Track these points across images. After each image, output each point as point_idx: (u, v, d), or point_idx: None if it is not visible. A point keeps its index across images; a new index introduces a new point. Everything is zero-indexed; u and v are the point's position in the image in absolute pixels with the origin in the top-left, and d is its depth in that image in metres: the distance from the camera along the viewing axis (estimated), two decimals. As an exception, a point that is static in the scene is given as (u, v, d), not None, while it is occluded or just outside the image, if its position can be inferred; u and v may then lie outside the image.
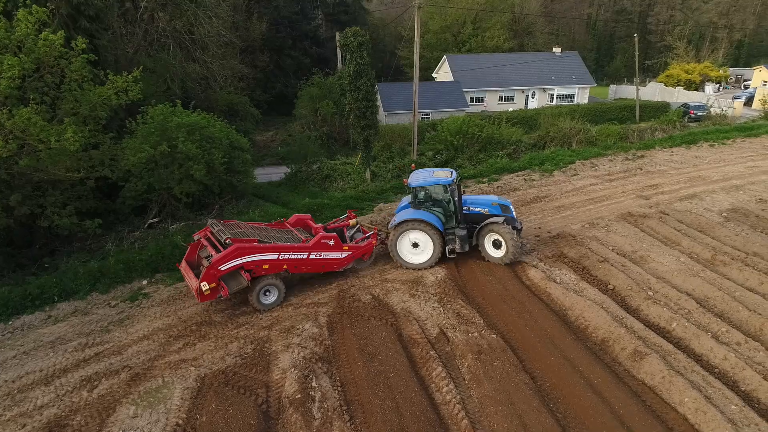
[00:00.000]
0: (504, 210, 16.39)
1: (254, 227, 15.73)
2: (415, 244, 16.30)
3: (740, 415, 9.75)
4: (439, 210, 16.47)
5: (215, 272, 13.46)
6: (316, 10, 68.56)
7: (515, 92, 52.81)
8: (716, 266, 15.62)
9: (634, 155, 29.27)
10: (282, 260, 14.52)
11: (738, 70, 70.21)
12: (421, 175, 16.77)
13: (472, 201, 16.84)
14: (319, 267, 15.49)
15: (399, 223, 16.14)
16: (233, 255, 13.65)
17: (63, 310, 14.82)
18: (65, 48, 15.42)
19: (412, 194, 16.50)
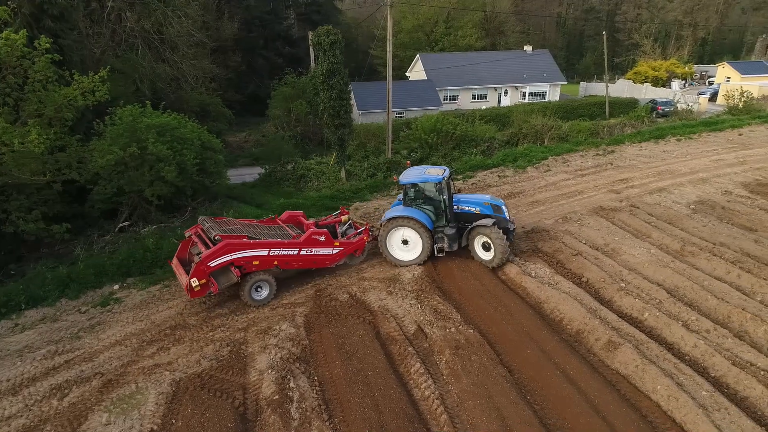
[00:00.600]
0: (496, 210, 16.09)
1: (245, 224, 15.79)
2: (404, 241, 16.24)
3: (710, 401, 9.98)
4: (429, 208, 16.39)
5: (205, 268, 13.45)
6: (288, 10, 68.14)
7: (488, 90, 53.31)
8: (685, 257, 15.99)
9: (605, 150, 29.81)
10: (272, 256, 14.50)
11: (702, 67, 72.18)
12: (412, 173, 16.66)
13: (464, 200, 16.63)
14: (311, 263, 15.43)
15: (388, 220, 16.12)
16: (222, 251, 13.66)
17: (31, 317, 14.38)
18: (28, 48, 14.97)
19: (403, 191, 16.51)
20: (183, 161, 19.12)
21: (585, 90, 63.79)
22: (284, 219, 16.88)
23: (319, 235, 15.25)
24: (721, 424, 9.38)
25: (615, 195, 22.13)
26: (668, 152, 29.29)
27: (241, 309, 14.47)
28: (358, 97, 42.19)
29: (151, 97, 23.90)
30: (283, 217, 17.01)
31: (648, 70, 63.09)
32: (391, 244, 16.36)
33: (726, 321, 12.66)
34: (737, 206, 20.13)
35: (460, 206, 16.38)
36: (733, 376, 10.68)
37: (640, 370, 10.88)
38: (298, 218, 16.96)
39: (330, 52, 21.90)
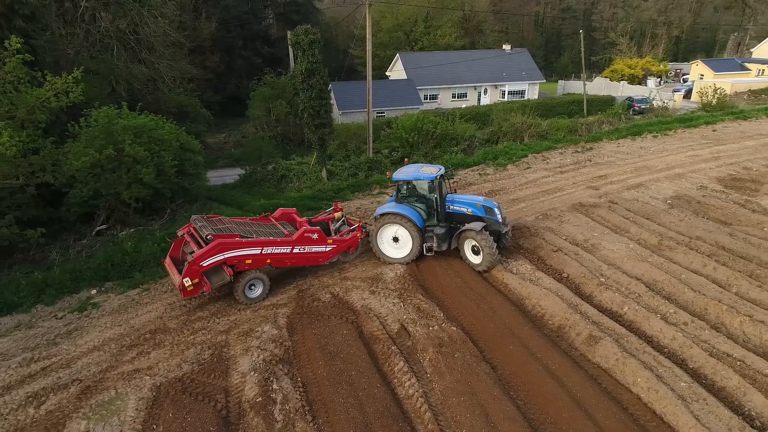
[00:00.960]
0: (487, 212, 15.78)
1: (238, 222, 15.80)
2: (395, 239, 16.21)
3: (689, 392, 10.16)
4: (421, 206, 16.28)
5: (197, 268, 13.43)
6: (266, 10, 67.69)
7: (468, 89, 53.60)
8: (663, 251, 16.25)
9: (583, 148, 30.17)
10: (265, 255, 14.48)
11: (677, 65, 73.53)
12: (407, 170, 16.62)
13: (457, 200, 16.39)
14: (304, 260, 15.40)
15: (379, 216, 16.12)
16: (215, 251, 13.63)
17: (5, 324, 14.02)
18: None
19: (395, 188, 16.55)
20: (161, 163, 18.88)
21: (563, 88, 64.51)
22: (277, 217, 16.82)
23: (312, 233, 15.23)
24: (700, 414, 9.56)
25: (594, 191, 22.41)
26: (645, 149, 29.75)
27: (223, 311, 14.32)
28: (338, 96, 42.08)
29: (128, 99, 23.52)
30: (276, 214, 16.94)
31: (624, 68, 64.06)
32: (382, 241, 16.35)
33: (703, 313, 12.89)
34: (712, 201, 20.53)
35: (452, 206, 16.26)
36: (710, 367, 10.88)
37: (621, 363, 11.02)
38: (291, 216, 16.91)
39: (309, 51, 21.78)
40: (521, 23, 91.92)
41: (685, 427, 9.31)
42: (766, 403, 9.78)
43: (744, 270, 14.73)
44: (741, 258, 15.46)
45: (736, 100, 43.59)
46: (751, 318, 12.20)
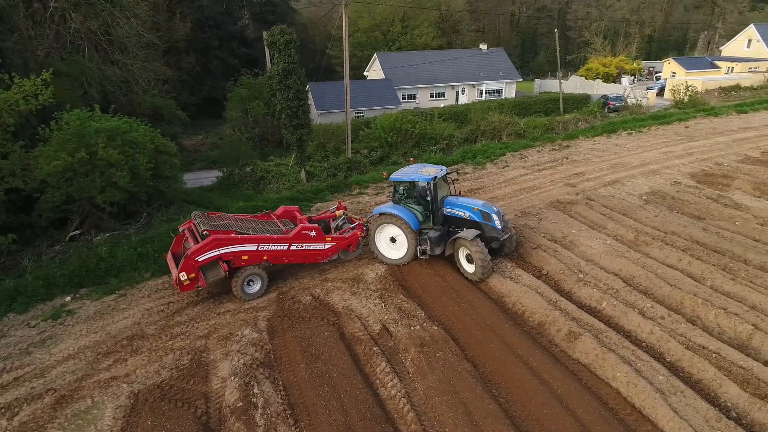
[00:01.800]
0: (485, 218, 15.19)
1: (238, 219, 16.06)
2: (392, 239, 16.06)
3: (667, 385, 10.32)
4: (418, 208, 15.94)
5: (193, 263, 13.63)
6: (242, 10, 67.01)
7: (446, 88, 53.81)
8: (639, 246, 16.51)
9: (560, 145, 30.51)
10: (261, 251, 14.61)
11: (650, 63, 74.82)
12: (406, 170, 16.41)
13: (457, 203, 15.87)
14: (301, 258, 15.44)
15: (375, 215, 16.00)
16: (210, 246, 13.82)
17: (-25, 334, 13.63)
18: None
19: (393, 188, 16.38)
20: (136, 166, 18.53)
21: (540, 87, 65.18)
22: (279, 214, 16.89)
23: (310, 230, 15.24)
24: (678, 407, 9.71)
25: (571, 188, 22.67)
26: (620, 146, 30.21)
27: (202, 316, 14.12)
28: (316, 97, 41.88)
29: (101, 101, 23.04)
30: (278, 212, 17.01)
31: (599, 66, 65.00)
32: (380, 241, 16.24)
33: (679, 307, 13.12)
34: (686, 196, 20.93)
35: (449, 209, 15.83)
36: (687, 360, 11.07)
37: (600, 358, 11.16)
38: (293, 213, 16.92)
39: (285, 51, 21.61)
40: (497, 23, 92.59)
41: (664, 420, 9.45)
42: (742, 394, 9.98)
43: (718, 264, 15.04)
44: (715, 252, 15.78)
45: (707, 97, 44.52)
46: (726, 311, 12.45)
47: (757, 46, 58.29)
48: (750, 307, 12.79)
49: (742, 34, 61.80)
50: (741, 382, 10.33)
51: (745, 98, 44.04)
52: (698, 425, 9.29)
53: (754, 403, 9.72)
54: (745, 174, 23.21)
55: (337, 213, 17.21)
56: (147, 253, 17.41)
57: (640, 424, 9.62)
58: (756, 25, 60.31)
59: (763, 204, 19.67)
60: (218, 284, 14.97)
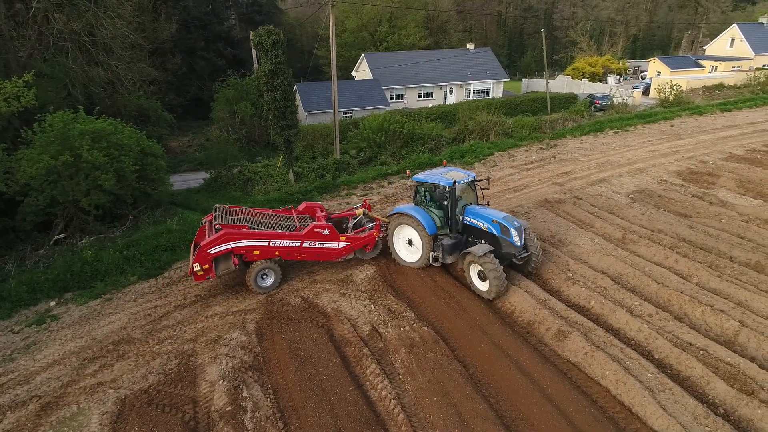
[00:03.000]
0: (503, 231, 14.05)
1: (257, 213, 16.51)
2: (409, 241, 15.73)
3: (656, 382, 10.39)
4: (437, 212, 15.34)
5: (206, 255, 14.12)
6: (228, 11, 66.54)
7: (433, 88, 53.87)
8: (627, 244, 16.61)
9: (548, 145, 30.65)
10: (273, 247, 14.81)
11: (635, 62, 75.51)
12: (432, 172, 15.92)
13: (478, 212, 14.86)
14: (314, 256, 15.49)
15: (393, 214, 15.74)
16: (221, 240, 14.24)
17: (-43, 341, 13.37)
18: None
19: (415, 189, 16.02)
20: (121, 168, 18.30)
21: (527, 86, 65.50)
22: (301, 210, 17.08)
23: (323, 229, 15.21)
24: (666, 404, 9.78)
25: (559, 187, 22.77)
26: (607, 145, 30.42)
27: (189, 319, 13.97)
28: (303, 97, 41.70)
29: (85, 103, 22.71)
30: (300, 208, 17.21)
31: (585, 66, 65.46)
32: (398, 242, 16.00)
33: (666, 304, 13.22)
34: (672, 194, 21.11)
35: (468, 218, 14.95)
36: (675, 357, 11.16)
37: (589, 357, 11.20)
38: (314, 209, 16.99)
39: (272, 52, 21.45)
40: (484, 23, 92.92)
41: (653, 418, 9.51)
42: (729, 390, 10.08)
43: (704, 261, 15.18)
44: (701, 249, 15.93)
45: (692, 96, 45.01)
46: (712, 308, 12.57)
47: (740, 45, 59.08)
48: (736, 303, 12.94)
49: (725, 33, 62.59)
50: (728, 379, 10.43)
51: (729, 97, 44.59)
52: (686, 422, 9.36)
53: (741, 399, 9.82)
54: (729, 172, 23.46)
55: (357, 212, 16.91)
56: (133, 257, 17.21)
57: (629, 422, 9.67)
58: (739, 25, 61.13)
59: (747, 201, 19.90)
60: (233, 277, 15.53)
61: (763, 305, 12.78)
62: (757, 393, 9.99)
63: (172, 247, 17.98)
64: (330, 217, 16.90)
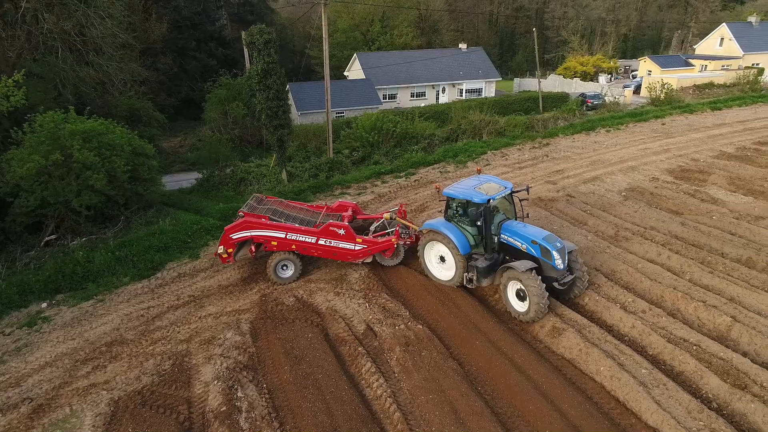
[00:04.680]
0: (543, 254, 12.62)
1: (290, 206, 17.15)
2: (442, 258, 14.44)
3: (650, 378, 10.44)
4: (471, 229, 13.81)
5: (228, 239, 15.07)
6: (219, 10, 66.33)
7: (426, 88, 53.95)
8: (619, 242, 16.69)
9: (540, 143, 30.74)
10: (289, 240, 15.15)
11: (626, 62, 75.93)
12: (464, 184, 14.26)
13: (515, 230, 13.33)
14: (330, 254, 15.53)
15: (424, 230, 14.55)
16: (241, 227, 15.04)
17: (-53, 344, 13.22)
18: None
19: (446, 202, 14.42)
20: (113, 168, 18.17)
21: (519, 86, 65.69)
22: (334, 208, 17.24)
23: (339, 228, 15.15)
24: (661, 399, 9.83)
25: (552, 186, 22.84)
26: (599, 143, 30.56)
27: (183, 320, 13.91)
28: (296, 97, 41.64)
29: (75, 103, 22.51)
30: (333, 205, 17.44)
31: (576, 65, 65.74)
32: (429, 257, 14.75)
33: (659, 301, 13.28)
34: (664, 191, 21.24)
35: (507, 236, 13.38)
36: (668, 352, 11.21)
37: (584, 353, 11.24)
38: (346, 208, 16.98)
39: (265, 51, 21.40)
40: (476, 22, 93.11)
41: (647, 413, 9.55)
42: (722, 385, 10.14)
43: (696, 257, 15.27)
44: (693, 246, 16.03)
45: (683, 94, 45.31)
46: (705, 303, 12.65)
47: (729, 45, 59.55)
48: (728, 299, 13.02)
49: (714, 32, 63.06)
50: (721, 373, 10.49)
51: (719, 95, 44.94)
52: (681, 417, 9.41)
53: (734, 394, 9.88)
54: (720, 169, 23.63)
55: (384, 215, 16.32)
56: (125, 257, 17.12)
57: (624, 417, 9.71)
58: (728, 24, 61.61)
59: (738, 198, 20.05)
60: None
61: (755, 301, 12.87)
62: (749, 387, 10.06)
63: (165, 248, 17.90)
64: (356, 218, 16.70)
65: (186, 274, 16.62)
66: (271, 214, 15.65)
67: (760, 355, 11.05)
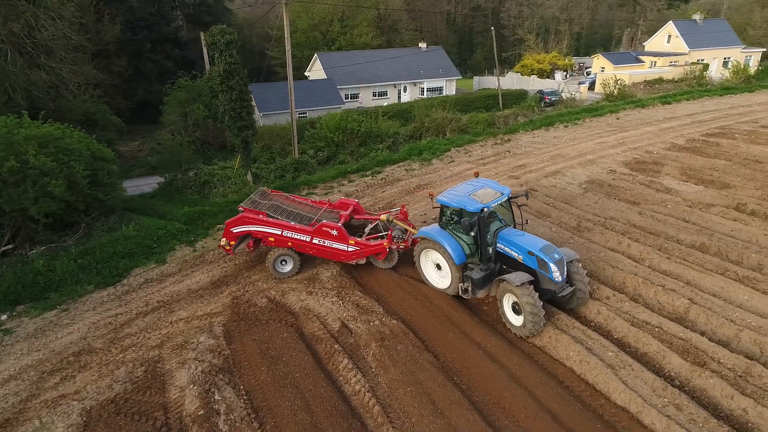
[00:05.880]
0: (540, 266, 12.07)
1: (295, 201, 17.52)
2: (438, 265, 13.97)
3: (616, 360, 10.91)
4: (466, 238, 13.26)
5: (230, 232, 15.61)
6: (174, 11, 64.95)
7: (388, 87, 54.18)
8: (582, 232, 17.28)
9: (502, 139, 31.39)
10: (285, 237, 15.40)
11: (580, 59, 78.06)
12: (458, 190, 13.68)
13: (512, 240, 12.75)
14: (325, 254, 15.59)
15: (419, 237, 14.21)
16: (240, 222, 15.53)
17: None
18: None
19: (440, 210, 13.96)
20: (72, 174, 17.64)
21: (478, 84, 66.71)
22: (335, 205, 17.29)
23: (332, 228, 15.11)
24: (627, 379, 10.31)
25: (515, 180, 23.39)
26: (558, 138, 31.43)
27: (153, 326, 13.67)
28: (257, 98, 41.13)
29: (28, 107, 21.77)
30: (335, 202, 17.49)
31: (533, 63, 67.20)
32: (426, 265, 14.36)
33: (622, 287, 13.86)
34: (621, 183, 22.07)
35: (503, 245, 12.80)
36: (632, 335, 11.75)
37: (554, 340, 11.65)
38: (347, 206, 16.93)
39: (226, 52, 21.15)
40: (434, 22, 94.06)
41: (615, 393, 10.01)
42: (683, 363, 10.69)
43: (654, 244, 15.98)
44: (650, 234, 16.75)
45: (634, 90, 46.99)
46: (664, 288, 13.28)
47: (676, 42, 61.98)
48: (685, 283, 13.71)
49: (662, 30, 65.51)
50: (682, 353, 11.06)
51: (668, 90, 46.78)
52: (646, 395, 9.89)
53: (694, 371, 10.44)
54: (672, 160, 24.70)
55: (381, 217, 16.10)
56: (89, 265, 16.68)
57: (594, 398, 10.14)
58: (674, 22, 64.11)
59: (690, 188, 21.03)
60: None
61: (709, 283, 13.60)
62: (708, 364, 10.65)
63: (130, 254, 17.52)
64: (353, 217, 16.66)
65: (153, 280, 16.30)
66: (272, 210, 16.06)
67: (717, 333, 11.70)
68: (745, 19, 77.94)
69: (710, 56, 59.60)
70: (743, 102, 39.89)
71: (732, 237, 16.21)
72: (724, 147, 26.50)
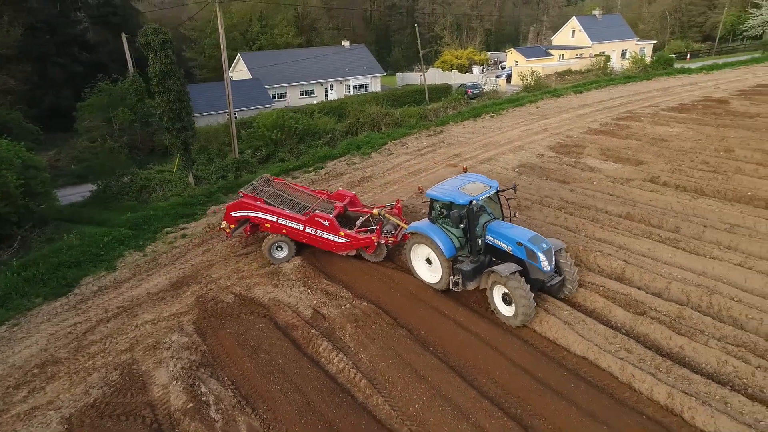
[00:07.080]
0: (529, 256, 12.21)
1: (295, 189, 17.98)
2: (428, 260, 14.05)
3: (571, 317, 12.15)
4: (455, 231, 13.39)
5: (230, 216, 16.14)
6: (77, 12, 61.20)
7: (315, 86, 54.29)
8: (522, 210, 18.59)
9: (435, 131, 32.68)
10: (280, 225, 15.84)
11: (495, 54, 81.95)
12: (447, 185, 13.98)
13: (501, 232, 12.90)
14: (318, 243, 15.93)
15: (409, 233, 14.24)
16: (238, 206, 16.06)
17: None
18: None
19: (429, 203, 14.11)
20: (5, 184, 16.75)
21: (402, 80, 68.26)
22: (332, 195, 17.79)
23: (323, 219, 15.37)
24: (583, 332, 11.57)
25: (453, 168, 24.60)
26: (486, 128, 33.17)
27: (118, 331, 13.43)
28: (184, 100, 39.99)
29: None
30: (334, 194, 17.93)
31: (452, 58, 69.78)
32: (416, 260, 14.41)
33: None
34: (550, 165, 23.87)
35: (492, 237, 12.95)
36: (581, 295, 13.15)
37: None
38: (343, 198, 17.36)
39: (162, 52, 20.71)
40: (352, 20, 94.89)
41: (574, 345, 11.23)
42: (626, 314, 12.12)
43: (587, 216, 17.61)
44: (582, 207, 18.42)
45: (547, 81, 50.22)
46: (601, 252, 14.79)
47: (579, 36, 66.69)
48: (618, 247, 15.31)
49: (566, 25, 70.20)
50: (624, 306, 12.51)
51: (578, 81, 50.39)
52: (600, 343, 11.17)
53: (636, 320, 11.89)
54: (591, 143, 26.96)
55: (373, 211, 16.29)
56: (33, 277, 15.98)
57: (556, 352, 11.30)
58: (577, 18, 68.90)
59: (610, 166, 23.14)
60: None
61: (638, 246, 15.28)
62: (647, 313, 12.14)
63: (77, 263, 16.91)
64: (348, 209, 16.99)
65: (108, 287, 15.86)
66: (271, 197, 16.46)
67: (650, 287, 13.29)
68: (636, 14, 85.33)
69: (610, 48, 64.65)
70: (643, 89, 43.79)
71: (651, 206, 18.18)
72: (633, 129, 29.21)
